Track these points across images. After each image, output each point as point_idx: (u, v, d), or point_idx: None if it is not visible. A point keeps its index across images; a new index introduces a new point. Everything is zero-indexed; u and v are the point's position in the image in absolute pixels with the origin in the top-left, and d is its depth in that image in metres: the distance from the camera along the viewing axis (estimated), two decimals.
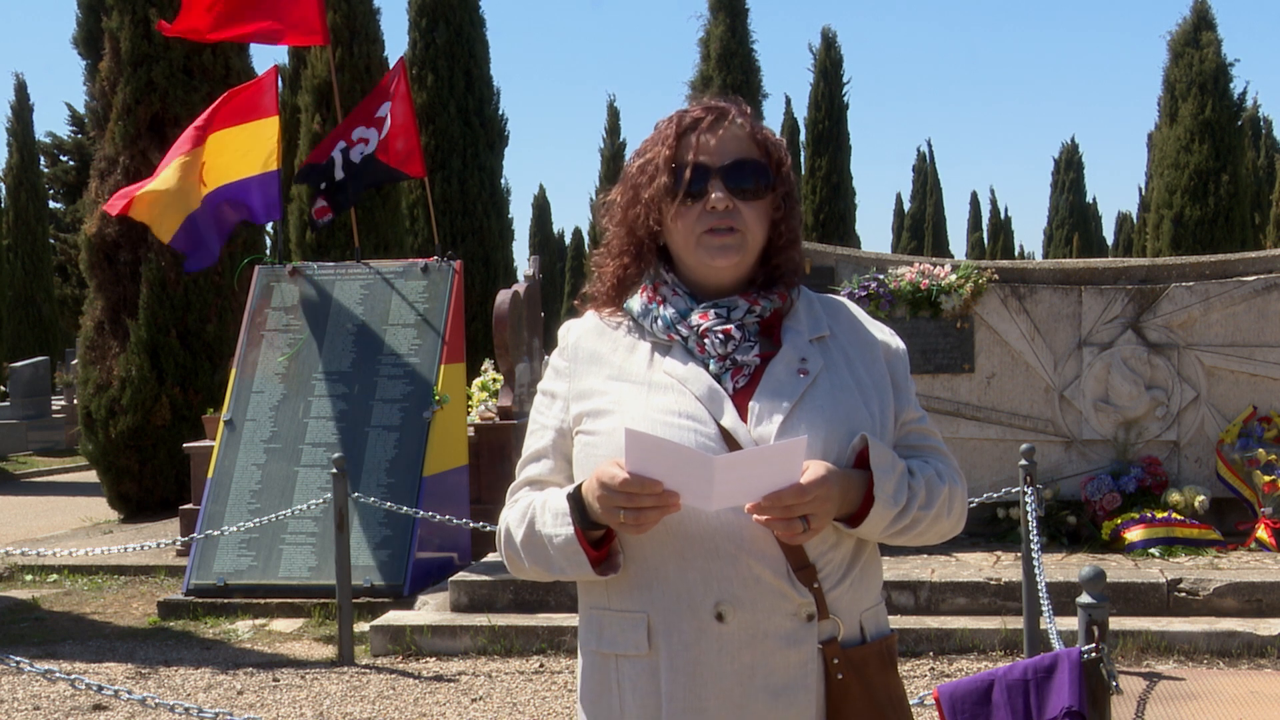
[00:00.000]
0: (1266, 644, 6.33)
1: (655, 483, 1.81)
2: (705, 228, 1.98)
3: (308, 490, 8.21)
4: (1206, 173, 24.15)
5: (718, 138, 1.99)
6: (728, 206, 1.97)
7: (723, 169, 1.98)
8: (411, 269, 9.18)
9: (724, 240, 1.98)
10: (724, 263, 1.99)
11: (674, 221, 2.01)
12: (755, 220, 1.99)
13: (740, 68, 26.30)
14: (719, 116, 2.01)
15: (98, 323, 12.62)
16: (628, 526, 1.85)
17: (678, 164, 1.99)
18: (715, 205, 1.96)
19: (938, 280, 8.20)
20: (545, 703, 6.00)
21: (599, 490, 1.86)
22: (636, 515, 1.83)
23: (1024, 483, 6.06)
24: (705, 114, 2.02)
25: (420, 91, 18.15)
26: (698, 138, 1.99)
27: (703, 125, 2.00)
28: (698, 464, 1.80)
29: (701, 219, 1.98)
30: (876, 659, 1.99)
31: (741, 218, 1.98)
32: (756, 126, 2.02)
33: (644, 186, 2.02)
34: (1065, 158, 52.10)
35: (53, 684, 6.43)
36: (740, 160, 1.99)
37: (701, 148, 1.98)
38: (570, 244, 49.18)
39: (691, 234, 1.99)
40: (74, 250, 26.65)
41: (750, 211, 1.98)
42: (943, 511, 2.00)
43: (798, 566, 1.91)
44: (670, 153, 2.00)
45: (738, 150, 1.99)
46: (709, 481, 1.80)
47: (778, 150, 2.03)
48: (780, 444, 1.85)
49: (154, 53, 12.31)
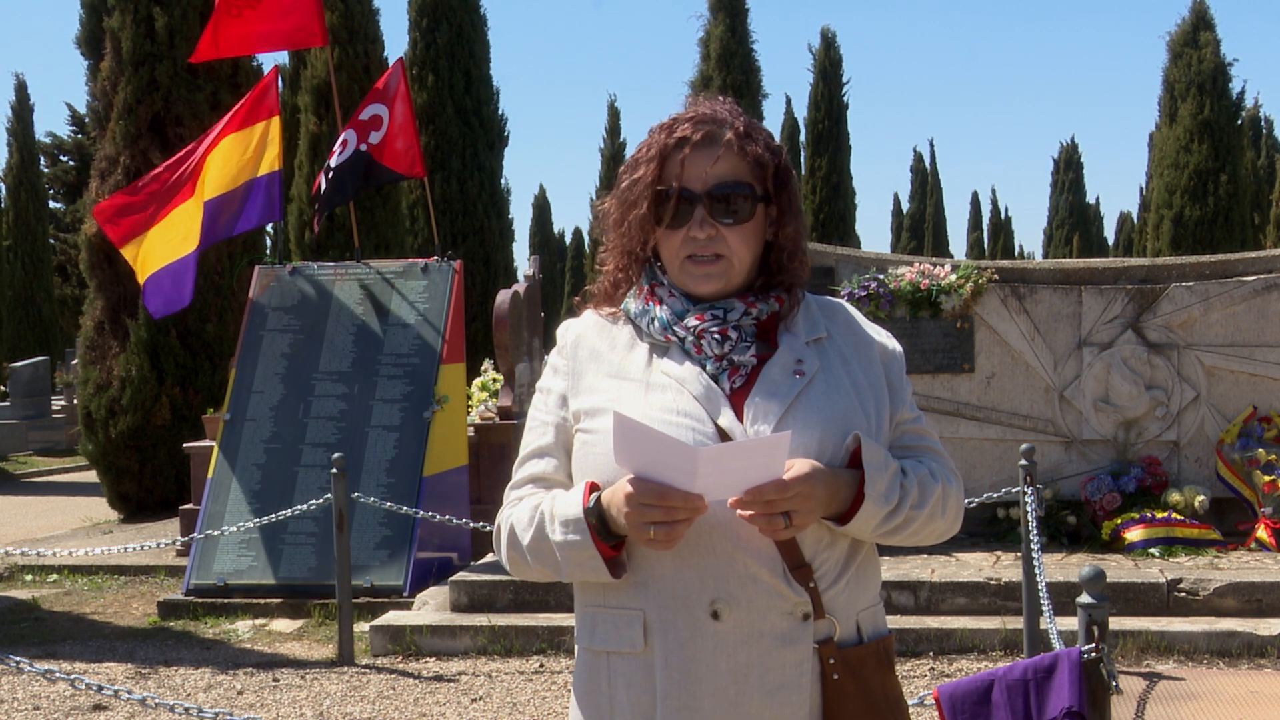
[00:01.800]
0: (1266, 644, 6.33)
1: (696, 496, 1.82)
2: (687, 254, 1.98)
3: (308, 490, 8.21)
4: (1206, 173, 24.16)
5: (704, 158, 1.97)
6: (710, 235, 1.96)
7: (706, 195, 1.96)
8: (411, 269, 9.19)
9: (706, 270, 1.98)
10: (707, 289, 2.00)
11: (661, 244, 2.02)
12: (741, 243, 1.98)
13: (740, 68, 26.28)
14: (707, 136, 1.98)
15: (98, 323, 12.62)
16: (657, 542, 1.84)
17: (661, 188, 1.98)
18: (696, 235, 1.96)
19: (938, 280, 8.20)
20: (545, 703, 6.00)
21: (627, 507, 1.84)
22: (669, 529, 1.83)
23: (1024, 483, 6.06)
24: (694, 130, 1.98)
25: (420, 91, 18.15)
26: (682, 161, 1.97)
27: (688, 145, 1.97)
28: (682, 454, 1.80)
29: (685, 245, 1.98)
30: (873, 659, 1.98)
31: (725, 243, 1.97)
32: (747, 142, 1.99)
33: (630, 207, 2.02)
34: (1065, 158, 52.11)
35: (53, 684, 6.43)
36: (724, 183, 1.96)
37: (686, 171, 1.97)
38: (570, 244, 49.17)
39: (675, 258, 2.00)
40: (74, 250, 26.67)
41: (735, 235, 1.98)
42: (936, 511, 2.00)
43: (794, 565, 1.91)
44: (653, 176, 1.98)
45: (723, 172, 1.97)
46: (692, 473, 1.80)
47: (772, 163, 2.00)
48: (764, 438, 1.84)
49: (156, 52, 12.30)
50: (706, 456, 1.80)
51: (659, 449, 1.82)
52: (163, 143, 12.31)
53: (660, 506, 1.82)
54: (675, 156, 1.98)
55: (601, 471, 1.94)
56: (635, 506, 1.83)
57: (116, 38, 12.49)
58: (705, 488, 1.83)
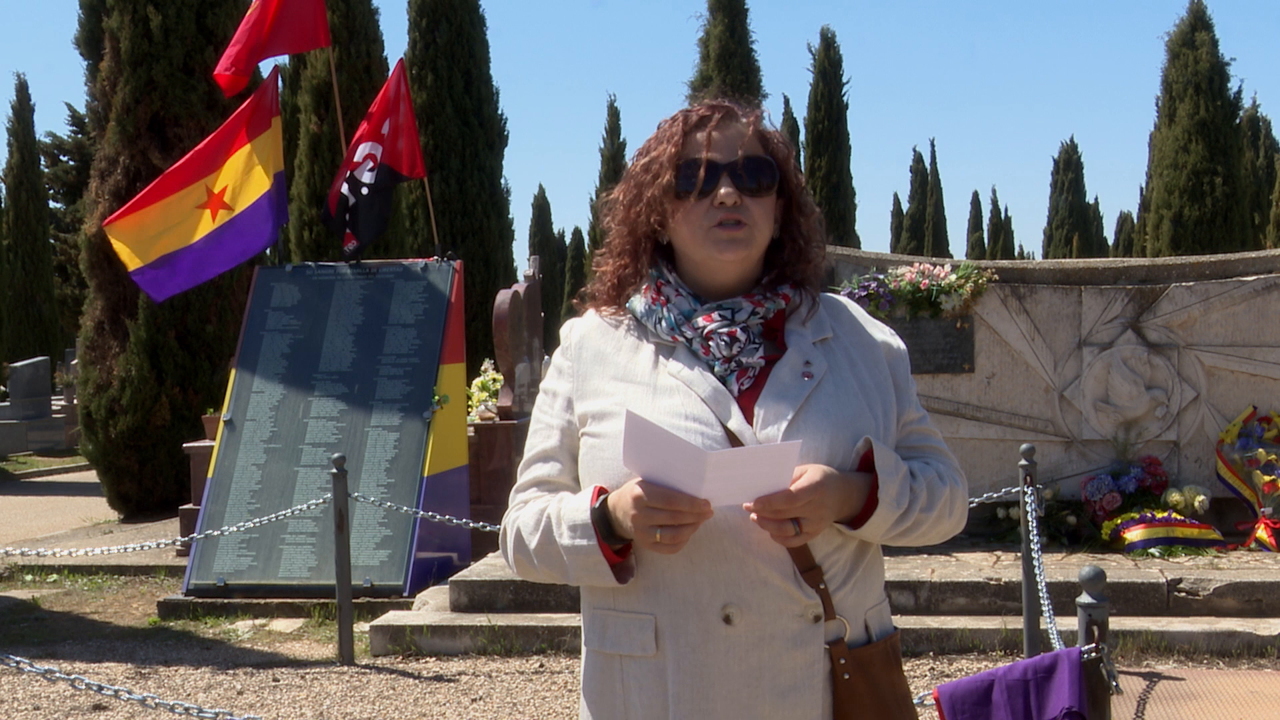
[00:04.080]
0: (1266, 644, 6.33)
1: (702, 501, 1.82)
2: (714, 221, 1.98)
3: (308, 490, 8.21)
4: (1204, 172, 24.18)
5: (725, 134, 2.00)
6: (736, 202, 1.97)
7: (731, 165, 1.98)
8: (411, 269, 9.18)
9: (733, 234, 1.98)
10: (732, 256, 1.99)
11: (681, 218, 2.01)
12: (762, 216, 2.00)
13: (740, 67, 26.28)
14: (726, 115, 2.02)
15: (98, 323, 12.62)
16: (663, 546, 1.85)
17: (685, 160, 1.99)
18: (725, 200, 1.96)
19: (938, 280, 8.20)
20: (545, 703, 6.00)
21: (634, 509, 1.85)
22: (675, 533, 1.83)
23: (1024, 483, 6.07)
24: (712, 112, 2.02)
25: (420, 91, 18.15)
26: (707, 135, 1.99)
27: (710, 122, 2.01)
28: (691, 457, 1.80)
29: (710, 214, 1.98)
30: (881, 658, 2.00)
31: (750, 213, 1.98)
32: (762, 125, 2.03)
33: (647, 185, 2.02)
34: (1065, 158, 52.12)
35: (53, 684, 6.43)
36: (748, 157, 1.99)
37: (710, 144, 1.99)
38: (570, 244, 49.14)
39: (699, 228, 1.99)
40: (74, 250, 26.65)
41: (758, 207, 1.99)
42: (944, 513, 2.01)
43: (804, 568, 1.92)
44: (676, 150, 2.00)
45: (745, 147, 2.00)
46: (700, 477, 1.81)
47: (783, 149, 2.04)
48: (774, 447, 1.85)
49: (154, 51, 12.29)
50: (715, 462, 1.80)
51: (669, 451, 1.81)
52: (162, 142, 12.31)
53: (667, 510, 1.82)
54: (698, 133, 2.00)
55: (609, 475, 1.94)
56: (642, 510, 1.83)
57: (115, 38, 12.49)
58: (712, 493, 1.83)
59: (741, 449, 1.89)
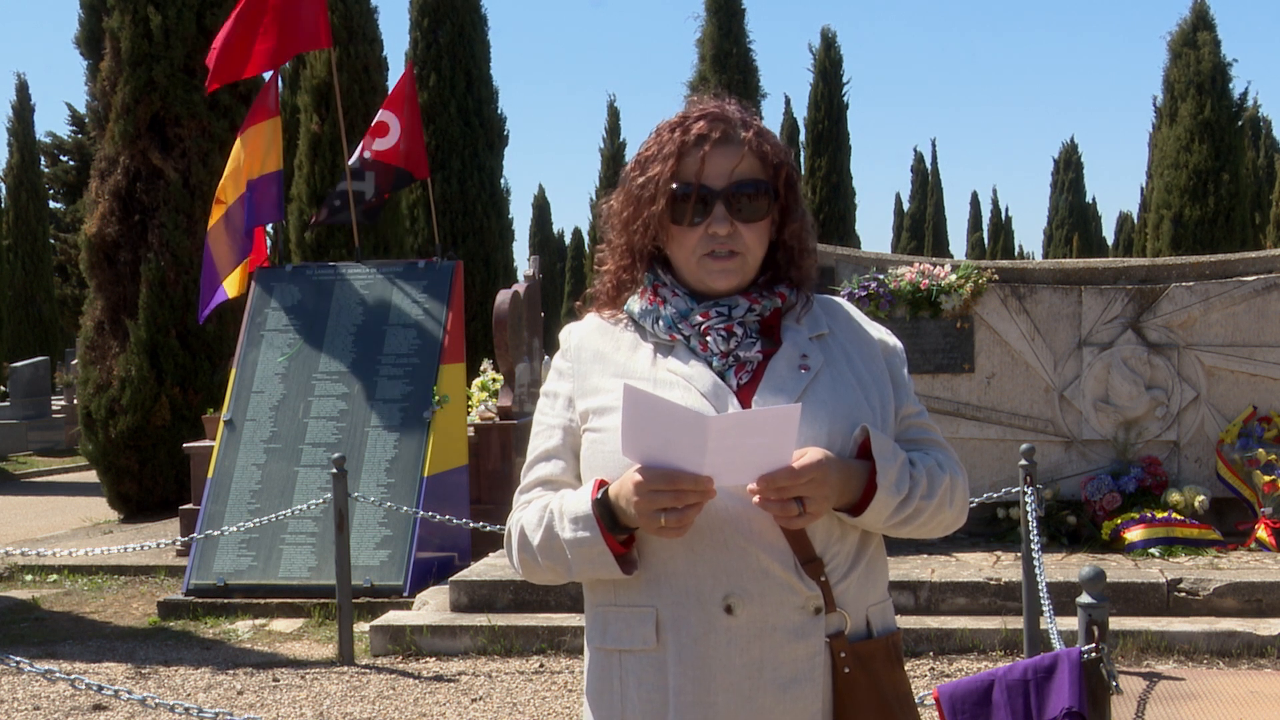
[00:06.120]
0: (1266, 644, 6.33)
1: (705, 479, 1.82)
2: (706, 250, 1.99)
3: (308, 490, 8.21)
4: (1205, 173, 24.17)
5: (724, 156, 1.98)
6: (729, 232, 1.97)
7: (725, 192, 1.97)
8: (411, 269, 9.18)
9: (724, 265, 1.99)
10: (724, 285, 2.01)
11: (675, 244, 2.02)
12: (756, 240, 2.00)
13: (736, 68, 26.28)
14: (725, 135, 1.99)
15: (98, 323, 12.62)
16: (668, 530, 1.84)
17: (679, 185, 1.98)
18: (717, 232, 1.97)
19: (938, 280, 8.19)
20: (545, 703, 6.00)
21: (636, 495, 1.84)
22: (680, 515, 1.83)
23: (1024, 483, 6.06)
24: (710, 128, 1.99)
25: (421, 91, 18.14)
26: (702, 159, 1.98)
27: (708, 143, 1.98)
28: (692, 425, 1.80)
29: (703, 242, 1.98)
30: (883, 654, 2.00)
31: (742, 240, 1.99)
32: (763, 141, 2.01)
33: (645, 204, 2.02)
34: (1065, 158, 52.14)
35: (53, 684, 6.43)
36: (744, 181, 1.98)
37: (705, 169, 1.98)
38: (570, 244, 49.14)
39: (693, 255, 2.00)
40: (74, 250, 26.66)
41: (751, 232, 1.99)
42: (944, 501, 2.01)
43: (805, 559, 1.92)
44: (671, 173, 1.99)
45: (741, 170, 1.98)
46: (702, 447, 1.80)
47: (782, 161, 2.02)
48: (775, 409, 1.84)
49: (154, 52, 12.30)
50: (716, 426, 1.80)
51: (669, 421, 1.81)
52: (162, 142, 12.32)
53: (669, 490, 1.82)
54: (694, 154, 1.98)
55: (611, 468, 1.94)
56: (645, 494, 1.83)
57: (115, 38, 12.49)
58: (715, 466, 1.82)
59: (743, 411, 1.89)
